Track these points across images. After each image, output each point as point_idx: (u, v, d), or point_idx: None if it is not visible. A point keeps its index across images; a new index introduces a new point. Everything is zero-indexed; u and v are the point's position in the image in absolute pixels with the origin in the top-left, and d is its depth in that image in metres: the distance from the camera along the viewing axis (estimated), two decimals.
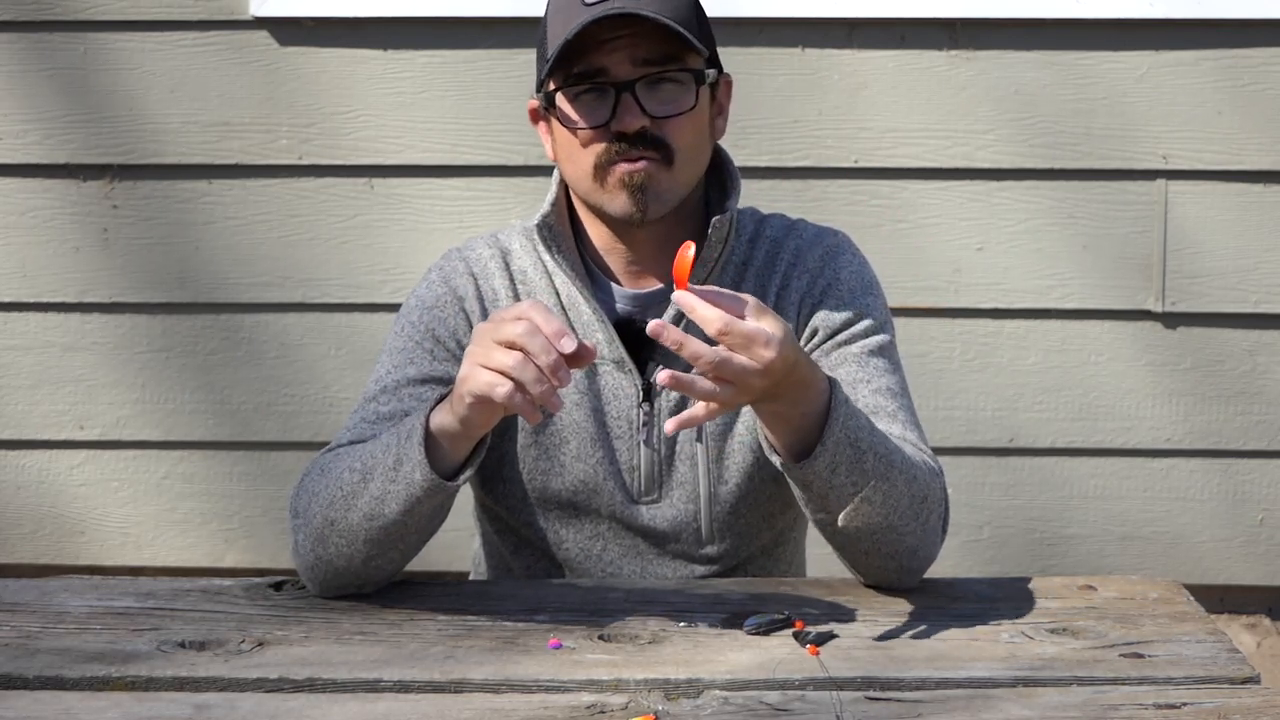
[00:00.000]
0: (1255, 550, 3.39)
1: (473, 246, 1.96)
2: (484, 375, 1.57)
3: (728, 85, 1.91)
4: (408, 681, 1.54)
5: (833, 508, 1.71)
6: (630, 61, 1.79)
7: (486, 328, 1.60)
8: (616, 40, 1.78)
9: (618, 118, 1.79)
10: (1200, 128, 3.26)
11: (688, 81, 1.81)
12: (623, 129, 1.79)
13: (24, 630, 1.68)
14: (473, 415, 1.62)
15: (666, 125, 1.80)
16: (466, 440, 1.66)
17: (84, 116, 3.33)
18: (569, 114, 1.82)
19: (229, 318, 3.38)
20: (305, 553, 1.77)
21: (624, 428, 1.91)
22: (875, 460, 1.69)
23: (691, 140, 1.83)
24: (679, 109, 1.81)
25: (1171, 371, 3.33)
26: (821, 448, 1.64)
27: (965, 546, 3.37)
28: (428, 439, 1.66)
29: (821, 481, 1.67)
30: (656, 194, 1.82)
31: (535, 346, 1.55)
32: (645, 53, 1.79)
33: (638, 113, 1.79)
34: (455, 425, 1.64)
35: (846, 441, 1.66)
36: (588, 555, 1.95)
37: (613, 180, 1.81)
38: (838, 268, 1.93)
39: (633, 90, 1.79)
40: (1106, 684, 1.54)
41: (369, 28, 3.30)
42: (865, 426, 1.69)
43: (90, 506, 3.46)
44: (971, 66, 3.27)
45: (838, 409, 1.65)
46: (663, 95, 1.80)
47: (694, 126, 1.83)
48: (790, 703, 1.49)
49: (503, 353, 1.56)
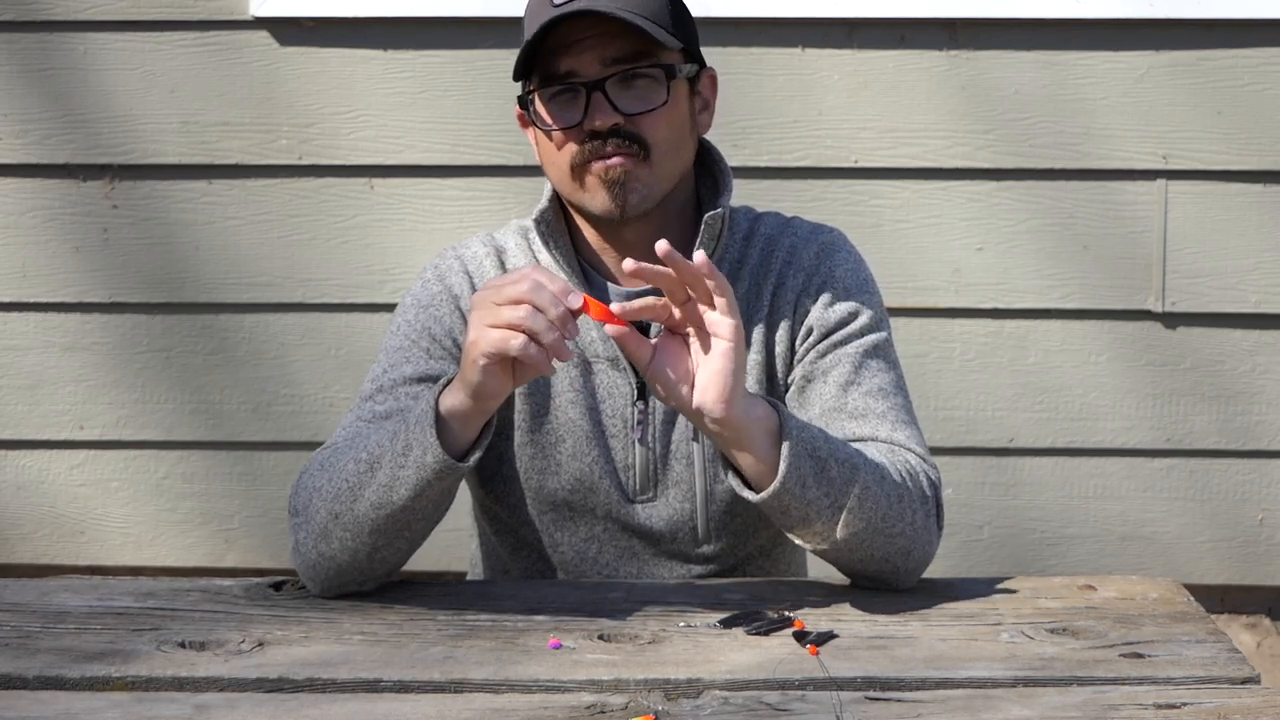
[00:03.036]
0: (1255, 550, 3.39)
1: (468, 245, 1.97)
2: (494, 333, 1.59)
3: (711, 79, 1.92)
4: (408, 681, 1.54)
5: (817, 527, 1.72)
6: (600, 61, 1.80)
7: (487, 292, 1.62)
8: (585, 40, 1.79)
9: (589, 116, 1.80)
10: (1200, 128, 3.26)
11: (659, 77, 1.82)
12: (594, 127, 1.80)
13: (24, 630, 1.68)
14: (486, 381, 1.63)
15: (640, 121, 1.81)
16: (479, 415, 1.67)
17: (84, 116, 3.33)
18: (544, 116, 1.83)
19: (229, 318, 3.38)
20: (307, 551, 1.77)
21: (619, 426, 1.91)
22: (839, 467, 1.70)
23: (667, 134, 1.83)
24: (651, 105, 1.81)
25: (1171, 371, 3.33)
26: (785, 464, 1.67)
27: (965, 546, 3.37)
28: (438, 422, 1.66)
29: (797, 500, 1.69)
30: (635, 189, 1.82)
31: (542, 300, 1.59)
32: (614, 51, 1.80)
33: (609, 110, 1.80)
34: (467, 400, 1.65)
35: (806, 454, 1.68)
36: (584, 558, 1.95)
37: (591, 179, 1.82)
38: (833, 265, 1.93)
39: (603, 88, 1.79)
40: (1106, 684, 1.54)
41: (369, 28, 3.30)
42: (819, 437, 1.71)
43: (90, 506, 3.46)
44: (971, 66, 3.27)
45: (788, 423, 1.68)
46: (635, 92, 1.81)
47: (669, 121, 1.83)
48: (790, 703, 1.49)
49: (509, 309, 1.59)
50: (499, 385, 1.64)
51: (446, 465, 1.67)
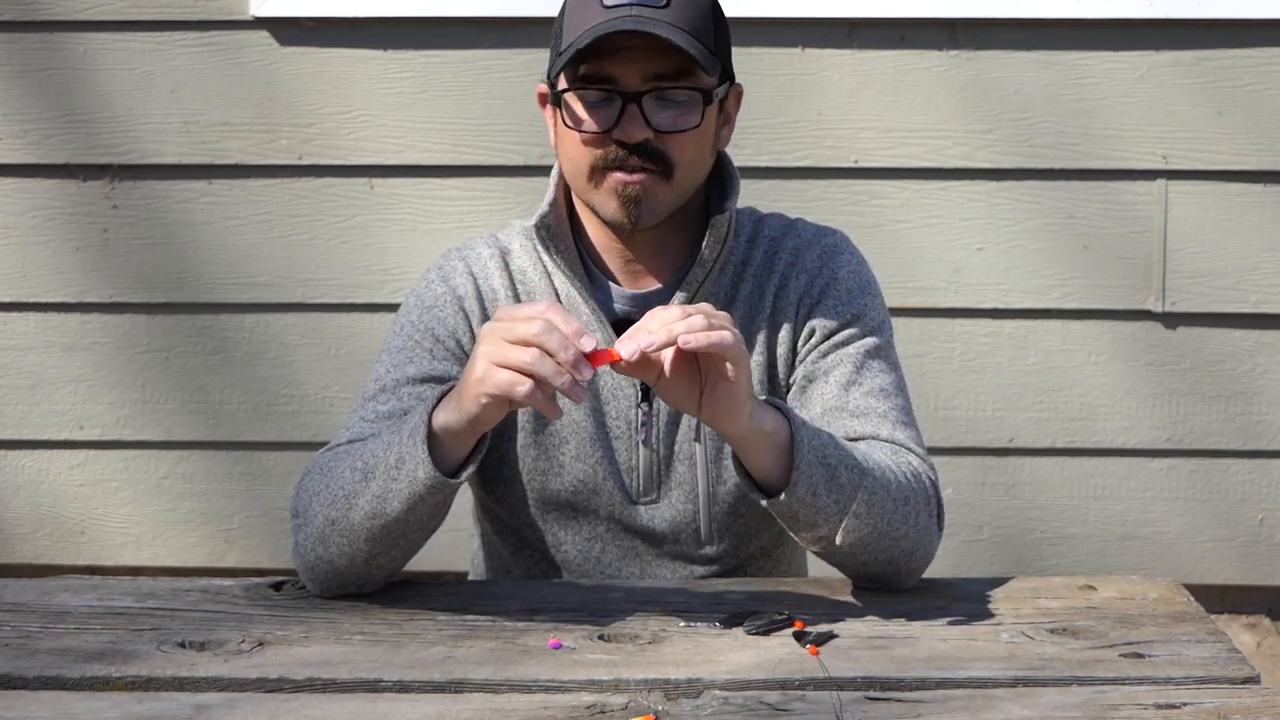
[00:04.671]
0: (1255, 550, 3.39)
1: (472, 246, 1.97)
2: (501, 375, 1.57)
3: (737, 96, 1.91)
4: (408, 681, 1.54)
5: (824, 531, 1.72)
6: (641, 75, 1.78)
7: (499, 327, 1.59)
8: (631, 50, 1.77)
9: (621, 127, 1.78)
10: (1200, 128, 3.26)
11: (696, 99, 1.80)
12: (624, 139, 1.79)
13: (24, 630, 1.68)
14: (484, 413, 1.62)
15: (669, 140, 1.80)
16: (470, 437, 1.66)
17: (84, 116, 3.33)
18: (575, 112, 1.81)
19: (229, 318, 3.38)
20: (306, 553, 1.76)
21: (622, 428, 1.91)
22: (848, 473, 1.70)
23: (693, 156, 1.82)
24: (683, 126, 1.80)
25: (1171, 371, 3.33)
26: (797, 473, 1.67)
27: (965, 546, 3.37)
28: (430, 437, 1.66)
29: (806, 507, 1.69)
30: (650, 207, 1.82)
31: (553, 343, 1.55)
32: (657, 67, 1.78)
33: (641, 124, 1.78)
34: (461, 423, 1.64)
35: (817, 461, 1.68)
36: (586, 558, 1.95)
37: (607, 185, 1.81)
38: (835, 267, 1.93)
39: (639, 102, 1.78)
40: (1106, 684, 1.54)
41: (369, 28, 3.30)
42: (829, 442, 1.71)
43: (90, 506, 3.46)
44: (971, 66, 3.27)
45: (799, 432, 1.67)
46: (670, 111, 1.79)
47: (697, 143, 1.82)
48: (790, 703, 1.49)
49: (518, 350, 1.56)
50: (495, 416, 1.63)
51: (438, 481, 1.66)
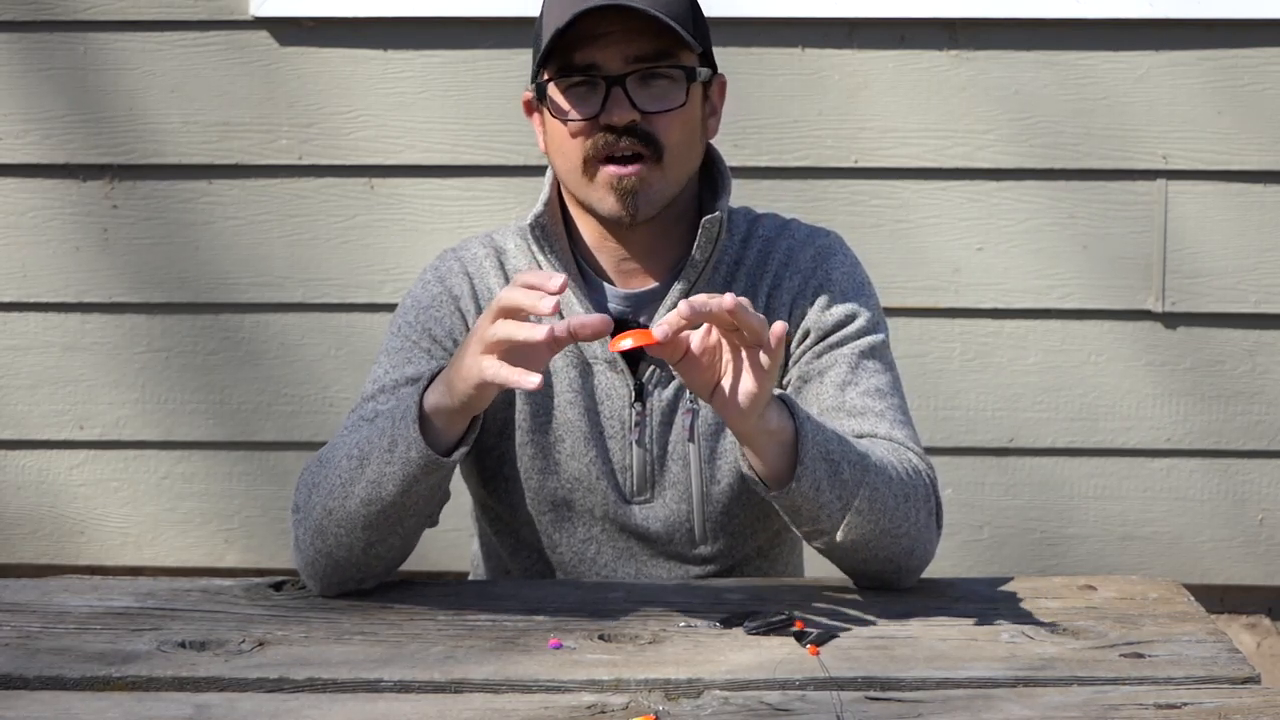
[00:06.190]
0: (1255, 550, 3.39)
1: (467, 246, 1.97)
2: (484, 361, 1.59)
3: (721, 86, 1.92)
4: (408, 681, 1.54)
5: (825, 527, 1.72)
6: (622, 57, 1.80)
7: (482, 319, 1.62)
8: (609, 35, 1.79)
9: (607, 111, 1.80)
10: (1200, 128, 3.26)
11: (679, 78, 1.82)
12: (612, 122, 1.80)
13: (24, 630, 1.68)
14: (472, 401, 1.64)
15: (656, 121, 1.81)
16: (463, 417, 1.68)
17: (84, 116, 3.33)
18: (560, 104, 1.83)
19: (229, 318, 3.38)
20: (305, 547, 1.77)
21: (616, 427, 1.91)
22: (851, 469, 1.70)
23: (681, 137, 1.83)
24: (669, 105, 1.81)
25: (1171, 371, 3.33)
26: (801, 468, 1.67)
27: (965, 546, 3.37)
28: (422, 418, 1.67)
29: (809, 502, 1.69)
30: (647, 197, 1.83)
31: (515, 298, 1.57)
32: (638, 49, 1.80)
33: (627, 106, 1.79)
34: (451, 404, 1.66)
35: (821, 457, 1.68)
36: (581, 559, 1.95)
37: (601, 180, 1.82)
38: (829, 268, 1.93)
39: (623, 84, 1.79)
40: (1106, 684, 1.54)
41: (369, 28, 3.30)
42: (833, 438, 1.71)
43: (90, 506, 3.46)
44: (971, 66, 3.27)
45: (804, 426, 1.67)
46: (654, 91, 1.81)
47: (683, 124, 1.83)
48: (790, 703, 1.49)
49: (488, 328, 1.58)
50: (486, 399, 1.65)
51: (431, 460, 1.67)
